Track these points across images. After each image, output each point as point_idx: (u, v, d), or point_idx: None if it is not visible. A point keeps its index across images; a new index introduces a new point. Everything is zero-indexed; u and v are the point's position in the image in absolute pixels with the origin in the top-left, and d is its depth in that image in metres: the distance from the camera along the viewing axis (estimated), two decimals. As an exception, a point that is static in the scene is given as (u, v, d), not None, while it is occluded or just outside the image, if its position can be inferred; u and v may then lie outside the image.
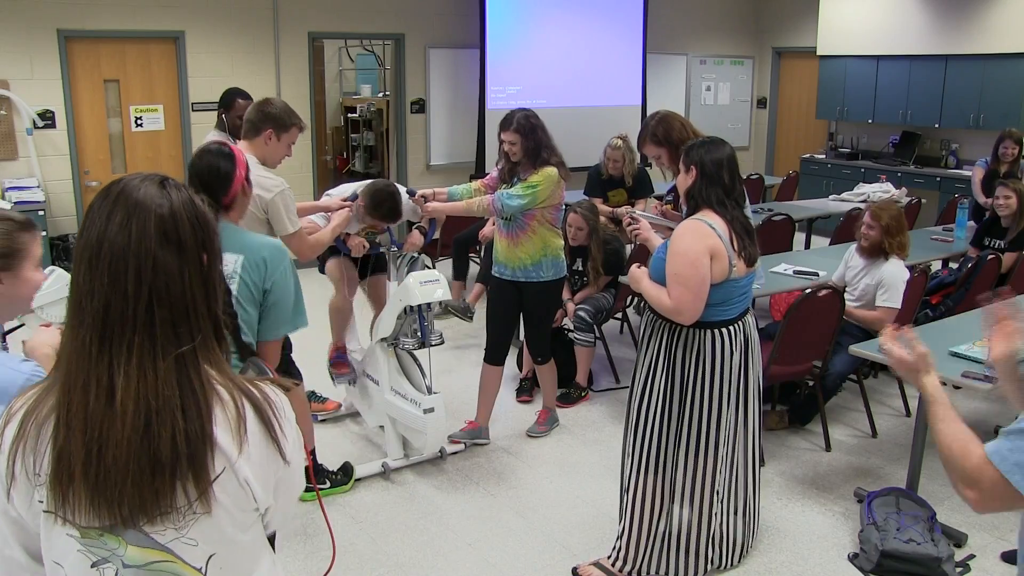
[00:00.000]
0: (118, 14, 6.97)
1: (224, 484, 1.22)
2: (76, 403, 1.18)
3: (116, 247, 1.19)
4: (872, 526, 3.43)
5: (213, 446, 1.21)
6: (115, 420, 1.17)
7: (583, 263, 5.29)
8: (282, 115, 3.46)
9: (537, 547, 3.55)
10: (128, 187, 1.24)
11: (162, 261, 1.20)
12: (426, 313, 4.03)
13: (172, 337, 1.21)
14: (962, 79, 8.75)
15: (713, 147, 3.05)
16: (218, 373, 1.26)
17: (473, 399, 4.51)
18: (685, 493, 3.18)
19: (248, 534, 1.31)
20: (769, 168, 11.14)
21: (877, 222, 4.47)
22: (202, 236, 1.26)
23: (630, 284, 3.22)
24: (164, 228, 1.21)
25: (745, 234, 3.04)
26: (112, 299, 1.19)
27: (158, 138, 7.38)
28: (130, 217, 1.21)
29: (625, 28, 9.47)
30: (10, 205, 6.36)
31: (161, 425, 1.17)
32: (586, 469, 4.23)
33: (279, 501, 1.34)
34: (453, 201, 4.26)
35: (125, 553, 1.22)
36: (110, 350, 1.19)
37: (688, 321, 2.99)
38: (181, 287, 1.22)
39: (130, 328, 1.19)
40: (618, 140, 6.25)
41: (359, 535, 3.63)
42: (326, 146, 12.35)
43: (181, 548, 1.24)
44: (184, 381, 1.20)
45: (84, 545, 1.22)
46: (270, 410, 1.28)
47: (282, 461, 1.29)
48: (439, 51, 8.68)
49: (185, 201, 1.26)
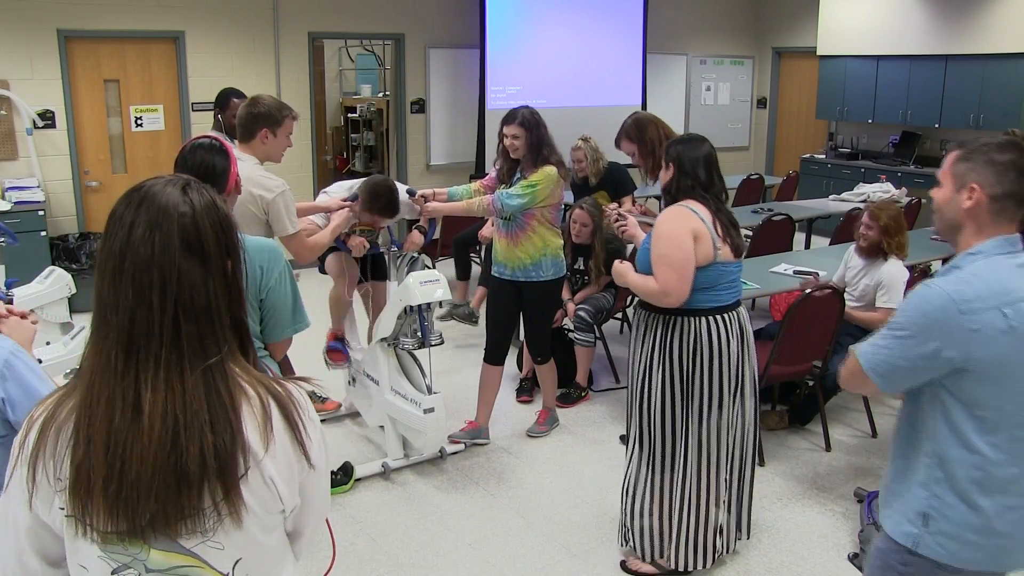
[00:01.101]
0: (118, 14, 6.97)
1: (250, 483, 1.21)
2: (99, 418, 1.16)
3: (140, 259, 1.17)
4: (872, 526, 3.43)
5: (246, 447, 1.20)
6: (141, 436, 1.15)
7: (584, 262, 5.29)
8: (271, 111, 3.44)
9: (537, 547, 3.55)
10: (150, 193, 1.21)
11: (187, 272, 1.19)
12: (426, 313, 4.03)
13: (199, 350, 1.19)
14: (962, 79, 8.75)
15: (691, 145, 3.11)
16: (244, 372, 1.25)
17: (473, 399, 4.51)
18: (692, 485, 3.20)
19: (272, 537, 1.29)
20: (769, 168, 11.14)
21: (876, 222, 4.47)
22: (226, 242, 1.25)
23: (615, 279, 3.26)
24: (187, 238, 1.19)
25: (730, 225, 3.08)
26: (137, 313, 1.17)
27: (158, 138, 7.38)
28: (153, 227, 1.18)
29: (625, 28, 9.47)
30: (10, 205, 6.37)
31: (189, 440, 1.16)
32: (586, 469, 4.23)
33: (306, 503, 1.33)
34: (453, 201, 4.26)
35: (148, 558, 1.21)
36: (136, 365, 1.17)
37: (675, 303, 3.00)
38: (206, 298, 1.20)
39: (156, 342, 1.17)
40: (578, 141, 6.09)
41: (359, 535, 3.63)
42: (326, 146, 12.34)
43: (207, 552, 1.22)
44: (212, 393, 1.18)
45: (104, 551, 1.21)
46: (295, 410, 1.27)
47: (307, 463, 1.28)
48: (439, 51, 8.68)
49: (208, 206, 1.24)
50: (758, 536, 3.63)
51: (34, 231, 6.32)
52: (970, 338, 1.78)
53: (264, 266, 2.38)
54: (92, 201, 7.13)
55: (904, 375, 1.88)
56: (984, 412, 1.83)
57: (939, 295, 1.81)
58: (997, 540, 1.87)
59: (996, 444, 1.84)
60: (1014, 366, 1.81)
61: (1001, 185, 1.84)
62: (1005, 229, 1.88)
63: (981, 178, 1.85)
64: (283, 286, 2.41)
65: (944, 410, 1.86)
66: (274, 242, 2.52)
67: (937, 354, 1.80)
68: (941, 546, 1.88)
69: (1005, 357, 1.79)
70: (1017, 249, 1.88)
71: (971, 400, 1.83)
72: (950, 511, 1.87)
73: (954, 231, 1.93)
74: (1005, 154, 1.85)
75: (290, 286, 2.43)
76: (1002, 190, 1.84)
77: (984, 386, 1.82)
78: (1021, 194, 1.85)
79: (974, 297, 1.79)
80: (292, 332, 2.44)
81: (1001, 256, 1.86)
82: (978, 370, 1.80)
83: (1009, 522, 1.86)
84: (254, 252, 2.39)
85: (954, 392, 1.84)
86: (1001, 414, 1.83)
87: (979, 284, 1.81)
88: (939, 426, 1.88)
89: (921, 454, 1.92)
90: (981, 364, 1.79)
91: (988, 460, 1.84)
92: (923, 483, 1.91)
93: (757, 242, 6.28)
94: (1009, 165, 1.84)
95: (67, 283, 3.74)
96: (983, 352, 1.79)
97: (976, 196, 1.86)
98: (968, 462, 1.85)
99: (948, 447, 1.87)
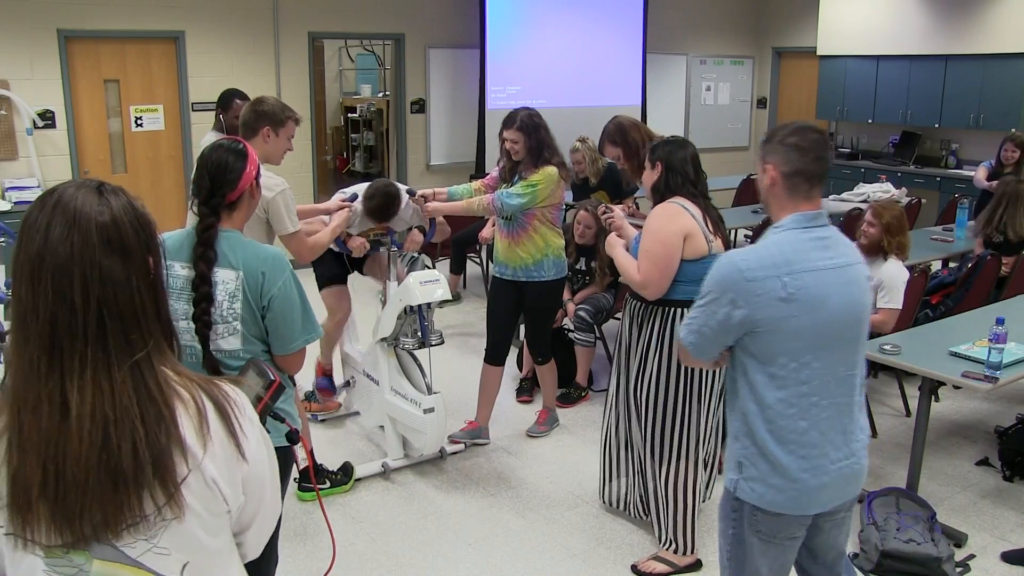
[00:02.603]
0: (118, 14, 6.97)
1: (191, 485, 1.20)
2: (28, 423, 1.14)
3: (59, 259, 1.16)
4: (872, 526, 3.43)
5: (183, 447, 1.19)
6: (71, 437, 1.13)
7: (587, 262, 5.29)
8: (275, 111, 3.45)
9: (537, 547, 3.55)
10: (64, 196, 1.20)
11: (108, 270, 1.17)
12: (426, 313, 4.03)
13: (125, 346, 1.18)
14: (962, 79, 8.75)
15: (677, 146, 3.26)
16: (175, 373, 1.24)
17: (473, 399, 4.51)
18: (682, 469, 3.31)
19: (218, 539, 1.28)
20: (769, 168, 11.13)
21: (878, 220, 4.46)
22: (145, 239, 1.23)
23: (605, 248, 3.47)
24: (107, 236, 1.18)
25: (719, 220, 3.23)
26: (59, 313, 1.15)
27: (158, 138, 7.38)
28: (71, 227, 1.16)
29: (625, 28, 9.47)
30: (10, 205, 6.38)
31: (120, 437, 1.14)
32: (586, 469, 4.22)
33: (249, 500, 1.32)
34: (453, 201, 4.26)
35: (92, 570, 1.19)
36: (61, 366, 1.15)
37: (652, 296, 3.20)
38: (129, 294, 1.19)
39: (80, 341, 1.15)
40: (576, 143, 6.12)
41: (359, 535, 3.63)
42: (326, 146, 12.35)
43: (153, 560, 1.21)
44: (141, 388, 1.17)
45: (49, 565, 1.18)
46: (230, 407, 1.26)
47: (242, 459, 1.27)
48: (439, 51, 8.68)
49: (125, 206, 1.22)
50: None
51: (34, 231, 6.32)
52: (754, 302, 2.04)
53: (266, 272, 2.30)
54: (92, 201, 7.12)
55: (709, 341, 2.14)
56: (773, 369, 2.08)
57: (728, 263, 2.10)
58: (795, 486, 2.10)
59: (785, 400, 2.08)
60: (793, 328, 2.05)
61: (788, 164, 2.11)
62: (804, 206, 2.13)
63: (775, 158, 2.13)
64: (289, 294, 2.32)
65: (743, 369, 2.13)
66: (278, 250, 2.45)
67: (729, 316, 2.07)
68: (752, 490, 2.14)
69: (784, 321, 2.04)
70: (815, 224, 2.12)
71: (762, 356, 2.09)
72: (756, 460, 2.13)
73: (767, 207, 2.22)
74: (794, 136, 2.11)
75: (297, 294, 2.35)
76: (789, 168, 2.11)
77: (769, 345, 2.07)
78: (808, 171, 2.10)
79: (758, 266, 2.06)
80: (304, 342, 2.38)
81: (796, 230, 2.11)
82: (763, 330, 2.06)
83: (803, 470, 2.10)
84: (257, 262, 2.32)
85: (749, 350, 2.10)
86: (787, 371, 2.07)
87: (764, 254, 2.08)
88: (740, 384, 2.15)
89: (734, 410, 2.19)
90: (764, 324, 2.05)
91: (778, 413, 2.09)
92: (735, 435, 2.19)
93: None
94: (794, 146, 2.10)
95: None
96: (764, 314, 2.04)
97: (771, 175, 2.14)
98: (762, 415, 2.10)
99: (747, 402, 2.13)
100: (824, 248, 2.11)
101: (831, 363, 2.10)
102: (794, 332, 2.05)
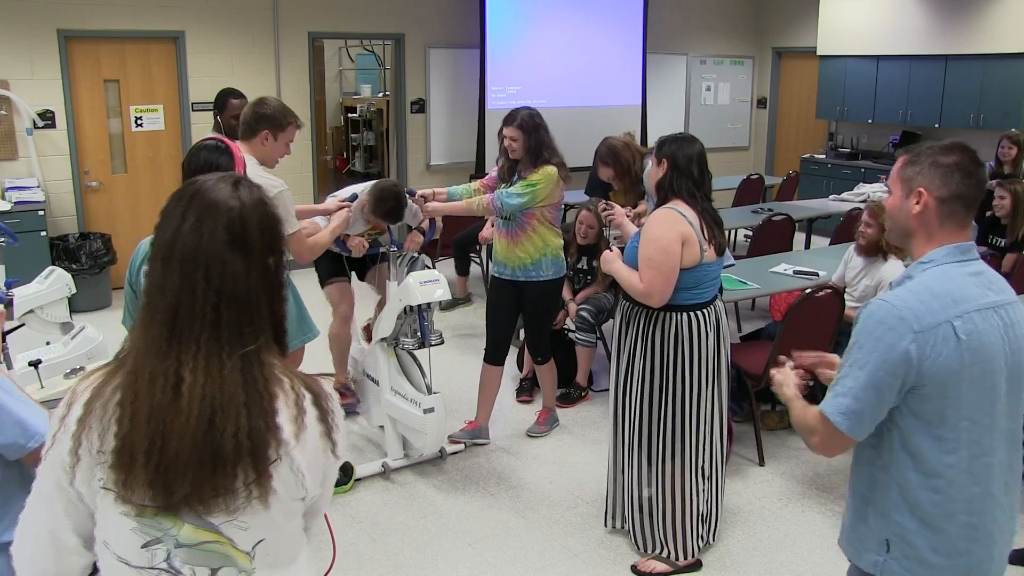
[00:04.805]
0: (118, 14, 6.97)
1: (279, 470, 1.26)
2: (142, 394, 1.22)
3: (187, 248, 1.24)
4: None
5: (278, 435, 1.25)
6: (180, 413, 1.21)
7: (588, 262, 5.29)
8: (277, 115, 3.44)
9: (537, 547, 3.55)
10: (202, 188, 1.29)
11: (230, 264, 1.25)
12: (426, 313, 4.03)
13: (238, 337, 1.25)
14: (962, 79, 8.75)
15: (684, 143, 3.20)
16: (280, 364, 1.31)
17: (473, 399, 4.51)
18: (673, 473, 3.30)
19: (293, 523, 1.35)
20: (769, 168, 11.14)
21: (875, 220, 4.46)
22: (269, 239, 1.30)
23: (602, 266, 3.40)
24: (233, 231, 1.26)
25: (715, 224, 3.19)
26: (183, 298, 1.24)
27: (158, 138, 7.38)
28: (202, 219, 1.25)
29: (625, 28, 9.47)
30: (10, 205, 6.37)
31: (225, 422, 1.21)
32: (586, 469, 4.23)
33: (325, 493, 1.40)
34: (453, 201, 4.26)
35: (180, 533, 1.26)
36: (179, 346, 1.23)
37: (657, 304, 3.15)
38: (247, 290, 1.26)
39: (198, 326, 1.23)
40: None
41: (359, 535, 3.63)
42: (326, 146, 12.35)
43: (232, 531, 1.27)
44: (248, 379, 1.24)
45: (138, 524, 1.25)
46: (328, 402, 1.33)
47: (332, 454, 1.34)
48: (439, 51, 8.68)
49: (256, 202, 1.30)
50: (758, 536, 3.63)
51: (34, 231, 6.32)
52: (924, 354, 1.74)
53: None
54: (92, 201, 7.12)
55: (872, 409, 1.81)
56: (942, 431, 1.79)
57: (887, 311, 1.77)
58: (962, 559, 1.85)
59: (956, 465, 1.80)
60: (965, 380, 1.77)
61: (947, 187, 1.81)
62: (956, 236, 1.84)
63: (928, 181, 1.82)
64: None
65: (901, 434, 1.83)
66: None
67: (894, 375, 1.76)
68: (906, 569, 1.86)
69: (956, 372, 1.76)
70: (968, 257, 1.85)
71: (929, 417, 1.79)
72: (912, 536, 1.85)
73: (906, 237, 1.90)
74: (950, 156, 1.82)
75: (291, 296, 2.37)
76: (948, 192, 1.81)
77: (939, 403, 1.78)
78: (967, 195, 1.82)
79: (924, 311, 1.75)
80: (300, 342, 2.41)
81: (952, 264, 1.82)
82: (932, 385, 1.77)
83: (972, 540, 1.84)
84: None
85: (913, 411, 1.80)
86: (958, 432, 1.79)
87: (926, 296, 1.77)
88: (896, 453, 1.84)
89: (878, 484, 1.89)
90: (934, 379, 1.76)
91: (949, 482, 1.81)
92: (884, 512, 1.88)
93: (757, 242, 6.28)
94: (954, 167, 1.81)
95: (67, 283, 3.74)
96: (936, 367, 1.75)
97: (924, 200, 1.83)
98: (928, 486, 1.82)
99: (907, 472, 1.83)
100: (984, 285, 1.83)
101: (999, 417, 1.84)
102: (969, 385, 1.78)
